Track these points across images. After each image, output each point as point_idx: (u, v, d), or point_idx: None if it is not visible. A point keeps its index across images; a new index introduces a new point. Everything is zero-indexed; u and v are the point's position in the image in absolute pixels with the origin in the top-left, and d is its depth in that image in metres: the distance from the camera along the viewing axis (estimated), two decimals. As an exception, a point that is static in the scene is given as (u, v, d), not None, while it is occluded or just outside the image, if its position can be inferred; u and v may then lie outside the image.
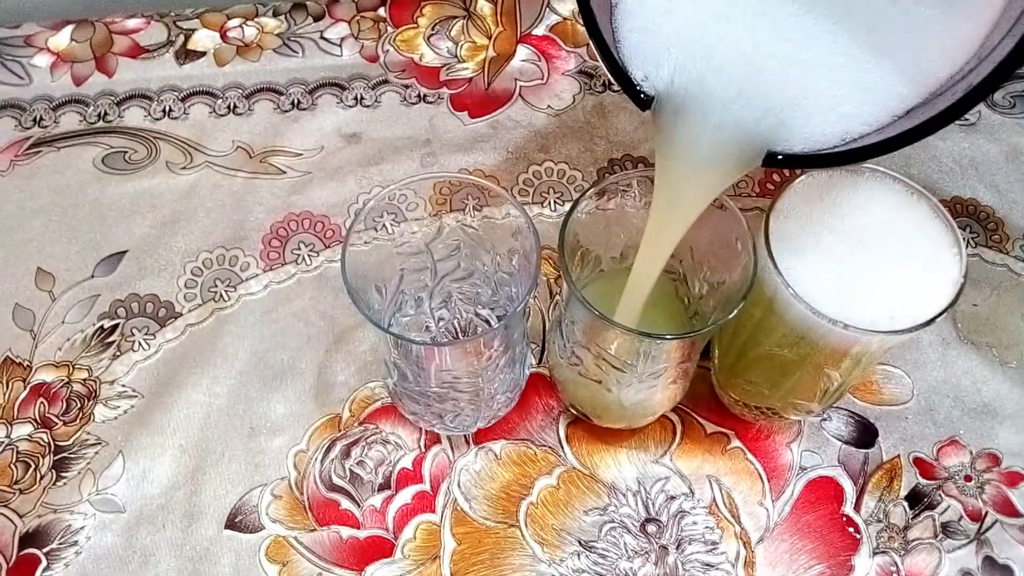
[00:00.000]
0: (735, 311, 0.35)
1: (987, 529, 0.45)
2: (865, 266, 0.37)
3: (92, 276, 0.52)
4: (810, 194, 0.38)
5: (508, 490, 0.46)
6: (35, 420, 0.47)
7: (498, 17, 0.64)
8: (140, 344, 0.50)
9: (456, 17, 0.64)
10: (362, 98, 0.60)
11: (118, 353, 0.49)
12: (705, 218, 0.36)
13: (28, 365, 0.49)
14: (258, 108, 0.60)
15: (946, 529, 0.45)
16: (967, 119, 0.60)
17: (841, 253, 0.37)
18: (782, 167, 0.30)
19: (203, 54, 0.62)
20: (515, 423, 0.47)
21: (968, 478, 0.46)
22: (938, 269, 0.36)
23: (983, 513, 0.45)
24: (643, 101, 0.31)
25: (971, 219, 0.55)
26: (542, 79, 0.61)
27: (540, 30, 0.64)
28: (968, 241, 0.54)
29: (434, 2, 0.65)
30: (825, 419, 0.48)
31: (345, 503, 0.45)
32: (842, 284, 0.36)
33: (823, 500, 0.46)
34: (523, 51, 0.63)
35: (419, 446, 0.47)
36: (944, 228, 0.37)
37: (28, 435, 0.47)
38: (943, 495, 0.46)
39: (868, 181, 0.38)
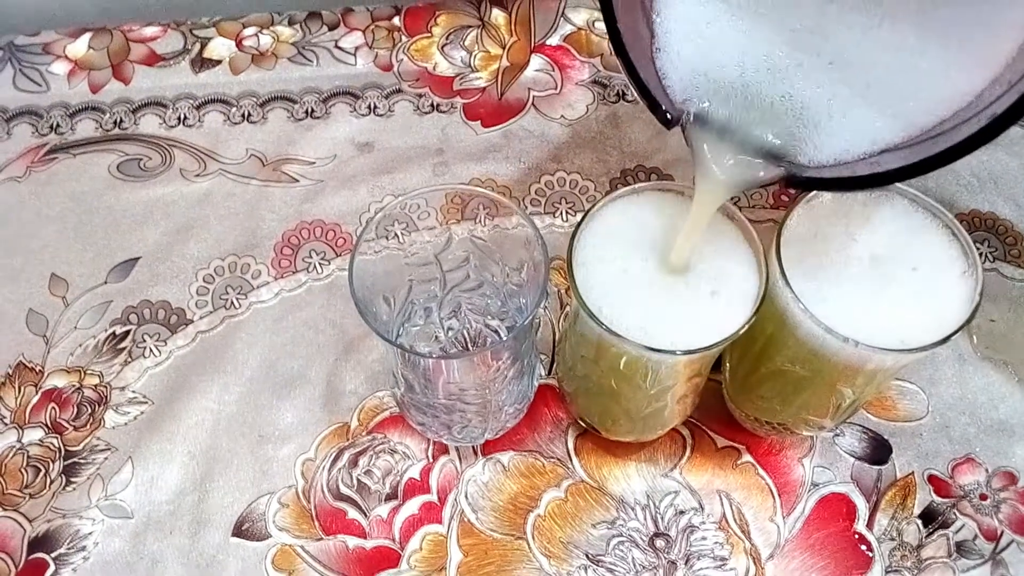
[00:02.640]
0: (746, 325, 0.34)
1: (1003, 549, 0.44)
2: (878, 282, 0.36)
3: (105, 282, 0.52)
4: (823, 208, 0.38)
5: (516, 502, 0.45)
6: (46, 425, 0.48)
7: (512, 27, 0.64)
8: (151, 350, 0.50)
9: (470, 27, 0.64)
10: (375, 107, 0.60)
11: (129, 359, 0.50)
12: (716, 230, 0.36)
13: (40, 370, 0.49)
14: (272, 116, 0.60)
15: (960, 548, 0.44)
16: (986, 132, 0.59)
17: (854, 268, 0.37)
18: (802, 188, 0.33)
19: (218, 62, 0.62)
20: (523, 435, 0.47)
21: (984, 496, 0.46)
22: (954, 285, 0.36)
23: (999, 532, 0.45)
24: (668, 121, 0.33)
25: (989, 233, 0.54)
26: (555, 89, 0.61)
27: (554, 40, 0.64)
28: (986, 256, 0.53)
29: (448, 12, 0.65)
30: (838, 435, 0.47)
31: (352, 512, 0.45)
32: (854, 300, 0.36)
33: (835, 517, 0.45)
34: (537, 61, 0.63)
35: (427, 456, 0.47)
36: (959, 244, 0.36)
37: (39, 440, 0.47)
38: (958, 514, 0.45)
39: (881, 195, 0.38)
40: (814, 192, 0.38)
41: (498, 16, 0.65)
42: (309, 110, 0.60)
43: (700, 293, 0.36)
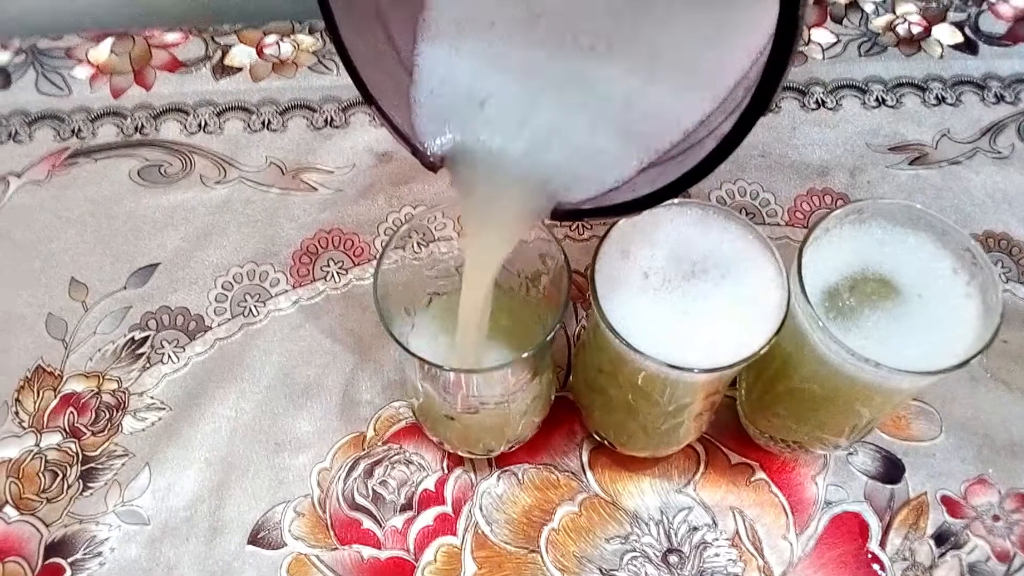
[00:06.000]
0: (767, 344, 0.34)
1: (1015, 571, 0.44)
2: (896, 302, 0.37)
3: (124, 288, 0.53)
4: (841, 232, 0.38)
5: (530, 515, 0.46)
6: (64, 429, 0.48)
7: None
8: (169, 357, 0.50)
9: (489, 39, 0.65)
10: (394, 117, 0.60)
11: (148, 365, 0.50)
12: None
13: (59, 374, 0.50)
14: (292, 125, 0.60)
15: (973, 570, 0.44)
16: (1000, 152, 0.59)
17: (873, 289, 0.37)
18: (565, 220, 0.33)
19: (239, 70, 0.63)
20: (538, 447, 0.47)
21: (996, 518, 0.46)
22: (971, 307, 0.36)
23: (1011, 554, 0.45)
24: (432, 164, 0.34)
25: (1003, 254, 0.55)
26: (573, 102, 0.62)
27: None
28: (1000, 276, 0.53)
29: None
30: (851, 453, 0.47)
31: (367, 523, 0.45)
32: (873, 321, 0.36)
33: (848, 536, 0.45)
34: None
35: (442, 468, 0.47)
36: (978, 268, 0.36)
37: (57, 444, 0.48)
38: (970, 535, 0.45)
39: (899, 218, 0.38)
40: (834, 214, 0.38)
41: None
42: (329, 119, 0.60)
43: (721, 311, 0.36)
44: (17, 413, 0.48)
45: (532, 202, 0.33)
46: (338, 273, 0.53)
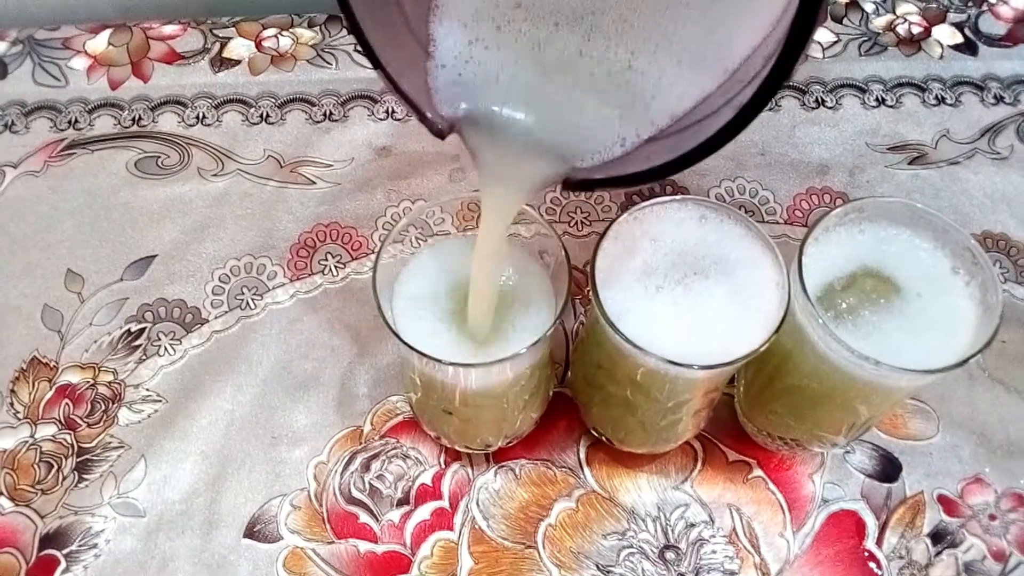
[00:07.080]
0: (766, 343, 0.34)
1: (1011, 570, 0.44)
2: (899, 301, 0.37)
3: (121, 279, 0.53)
4: (840, 230, 0.38)
5: (527, 510, 0.45)
6: (59, 421, 0.48)
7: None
8: (166, 349, 0.50)
9: (489, 34, 0.64)
10: (393, 111, 0.60)
11: (144, 357, 0.50)
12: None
13: (55, 365, 0.49)
14: (290, 118, 0.60)
15: (969, 569, 0.44)
16: (999, 153, 0.59)
17: (874, 286, 0.37)
18: (579, 189, 0.34)
19: (238, 62, 0.62)
20: (536, 443, 0.47)
21: (993, 517, 0.46)
22: (971, 307, 0.36)
23: (1007, 554, 0.45)
24: (440, 132, 0.34)
25: (1001, 254, 0.55)
26: (573, 98, 0.61)
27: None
28: (998, 277, 0.53)
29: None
30: (848, 451, 0.47)
31: (364, 517, 0.45)
32: (874, 319, 0.36)
33: (845, 534, 0.45)
34: (555, 70, 0.63)
35: (439, 462, 0.47)
36: (978, 267, 0.36)
37: (52, 436, 0.47)
38: (967, 534, 0.45)
39: (903, 215, 0.38)
40: (834, 212, 0.38)
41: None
42: (327, 112, 0.60)
43: (721, 308, 0.36)
44: (12, 404, 0.48)
45: (540, 168, 0.33)
46: (336, 267, 0.53)
